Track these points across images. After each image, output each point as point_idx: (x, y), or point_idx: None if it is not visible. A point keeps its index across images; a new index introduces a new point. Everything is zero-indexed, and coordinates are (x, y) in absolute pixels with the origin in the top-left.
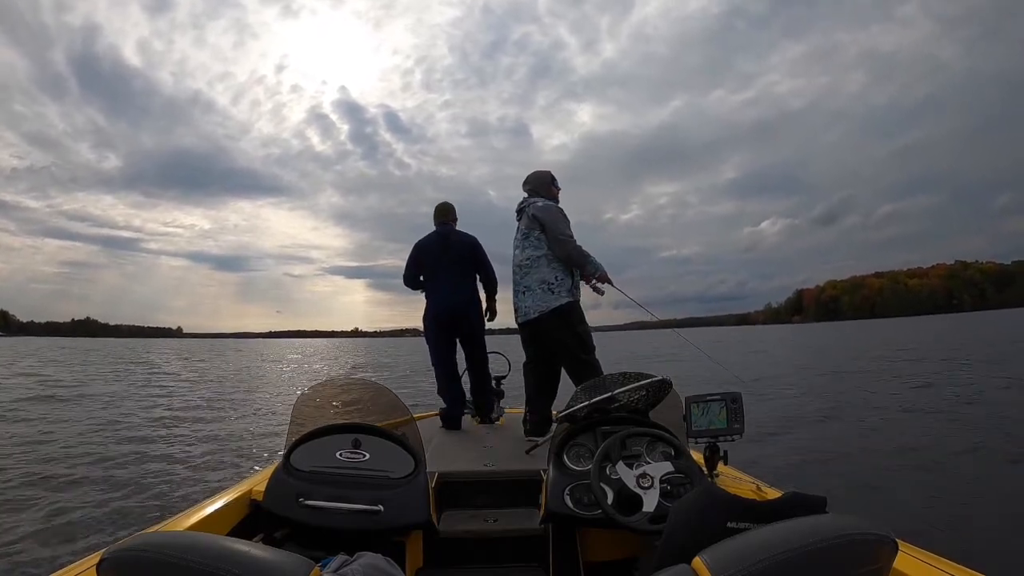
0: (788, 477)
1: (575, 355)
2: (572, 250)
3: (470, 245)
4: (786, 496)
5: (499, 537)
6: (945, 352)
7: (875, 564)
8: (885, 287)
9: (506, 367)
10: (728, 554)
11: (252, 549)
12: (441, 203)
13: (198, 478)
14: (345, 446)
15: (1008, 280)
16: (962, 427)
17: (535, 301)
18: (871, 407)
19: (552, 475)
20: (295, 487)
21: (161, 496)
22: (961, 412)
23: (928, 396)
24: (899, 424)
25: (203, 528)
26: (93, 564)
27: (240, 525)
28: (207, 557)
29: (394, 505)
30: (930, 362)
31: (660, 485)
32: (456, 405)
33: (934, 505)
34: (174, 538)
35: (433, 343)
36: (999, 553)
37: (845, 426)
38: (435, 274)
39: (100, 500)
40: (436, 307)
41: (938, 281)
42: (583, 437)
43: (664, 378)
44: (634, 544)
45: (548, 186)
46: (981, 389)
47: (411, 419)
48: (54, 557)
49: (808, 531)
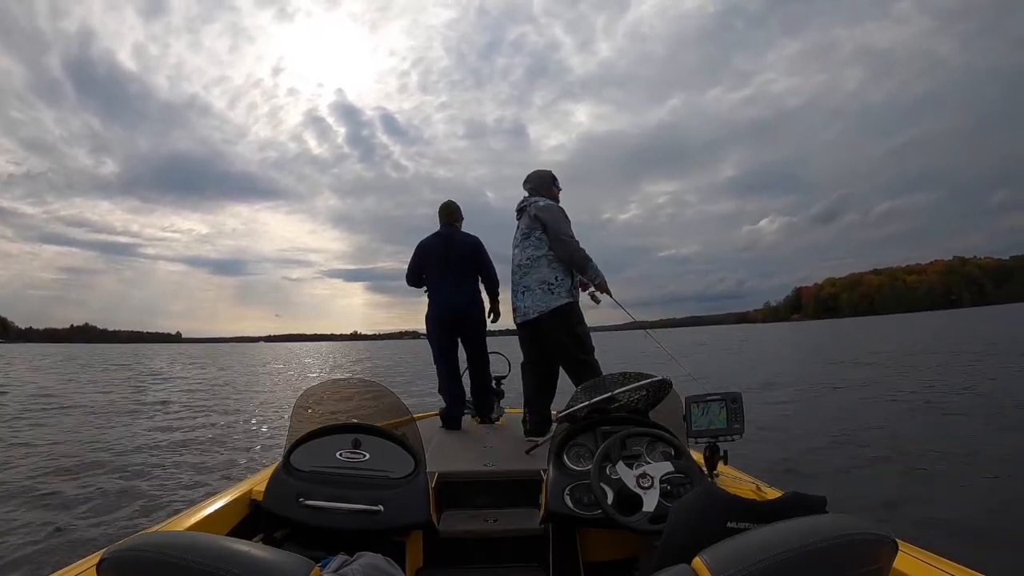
0: (788, 477)
1: (574, 355)
2: (574, 251)
3: (472, 246)
4: (786, 496)
5: (499, 537)
6: (943, 349)
7: (875, 564)
8: (883, 284)
9: (506, 367)
10: (728, 554)
11: (252, 549)
12: (446, 202)
13: (198, 478)
14: (345, 446)
15: (1006, 276)
16: (961, 427)
17: (534, 301)
18: (871, 408)
19: (552, 475)
20: (295, 487)
21: (161, 496)
22: (960, 411)
23: (927, 396)
24: (899, 424)
25: (203, 528)
26: (93, 564)
27: (240, 525)
28: (207, 557)
29: (394, 505)
30: (929, 358)
31: (660, 485)
32: (456, 405)
33: (934, 505)
34: (174, 538)
35: (435, 342)
36: (999, 553)
37: (845, 427)
38: (437, 274)
39: (100, 500)
40: (438, 307)
41: (936, 277)
42: (583, 437)
43: (664, 378)
44: (634, 544)
45: (549, 186)
46: (980, 387)
47: (411, 419)
48: (54, 557)
49: (808, 531)
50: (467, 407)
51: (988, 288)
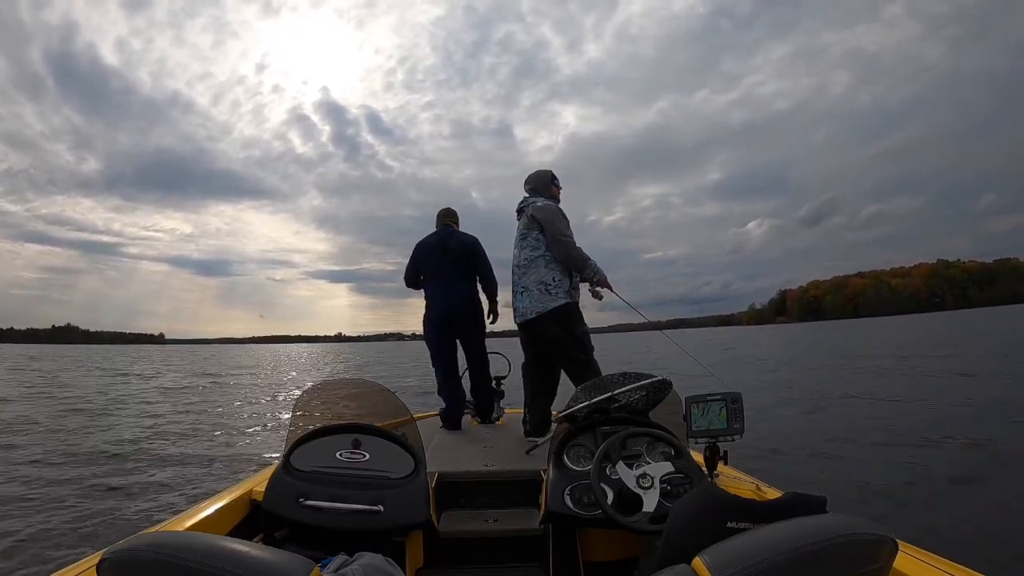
0: (788, 477)
1: (573, 356)
2: (572, 251)
3: (470, 246)
4: (786, 496)
5: (499, 537)
6: (941, 349)
7: (875, 564)
8: (868, 287)
9: (506, 367)
10: (728, 554)
11: (252, 549)
12: (445, 208)
13: (198, 478)
14: (345, 446)
15: (990, 279)
16: (961, 427)
17: (532, 302)
18: (870, 408)
19: (552, 475)
20: (295, 487)
21: (161, 496)
22: (959, 410)
23: (926, 396)
24: (899, 424)
25: (203, 528)
26: (93, 564)
27: (240, 525)
28: (207, 557)
29: (394, 505)
30: (929, 359)
31: (660, 485)
32: (456, 406)
33: (934, 505)
34: (174, 538)
35: (433, 343)
36: (999, 553)
37: (844, 426)
38: (434, 275)
39: (100, 500)
40: (435, 308)
41: (920, 280)
42: (583, 437)
43: (664, 378)
44: (634, 544)
45: (548, 185)
46: (980, 387)
47: (411, 419)
48: (54, 557)
49: (808, 531)
50: (467, 407)
51: (972, 291)
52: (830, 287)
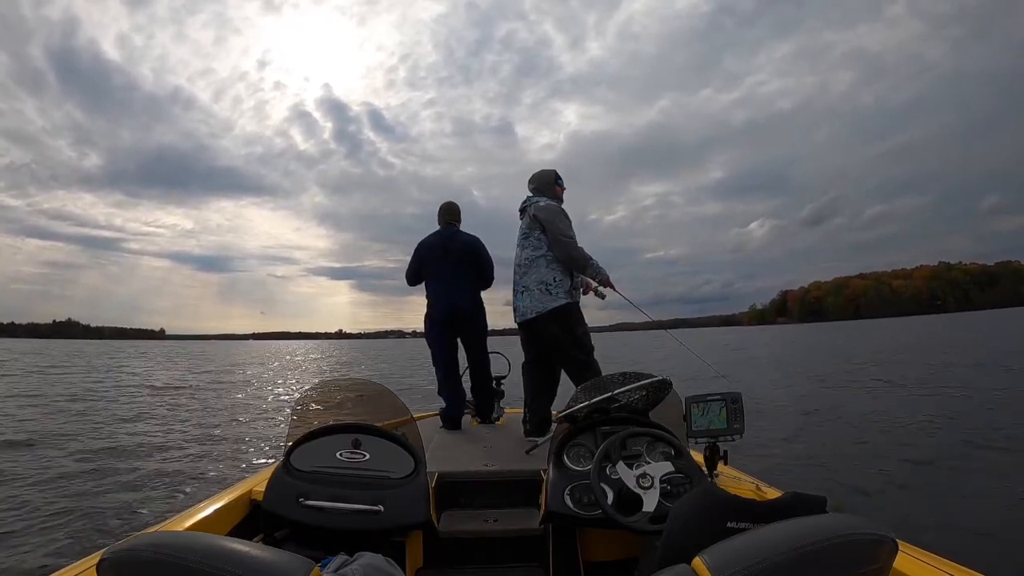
0: (788, 477)
1: (573, 356)
2: (573, 251)
3: (471, 245)
4: (786, 496)
5: (499, 537)
6: (930, 353)
7: (875, 564)
8: (869, 288)
9: (506, 367)
10: (728, 554)
11: (252, 549)
12: (447, 202)
13: (198, 478)
14: (345, 446)
15: (992, 281)
16: (961, 427)
17: (532, 302)
18: (869, 407)
19: (552, 475)
20: (295, 487)
21: (161, 496)
22: (958, 411)
23: (925, 395)
24: (898, 424)
25: (203, 528)
26: (93, 564)
27: (240, 525)
28: (207, 557)
29: (394, 505)
30: (915, 364)
31: (660, 485)
32: (456, 405)
33: (934, 505)
34: (174, 538)
35: (434, 342)
36: (999, 553)
37: (843, 426)
38: (436, 273)
39: (100, 500)
40: (436, 306)
41: (922, 282)
42: (583, 437)
43: (664, 378)
44: (634, 544)
45: (551, 185)
46: (979, 387)
47: (411, 419)
48: (54, 557)
49: (808, 531)
50: (467, 407)
51: (973, 293)
52: (831, 288)
